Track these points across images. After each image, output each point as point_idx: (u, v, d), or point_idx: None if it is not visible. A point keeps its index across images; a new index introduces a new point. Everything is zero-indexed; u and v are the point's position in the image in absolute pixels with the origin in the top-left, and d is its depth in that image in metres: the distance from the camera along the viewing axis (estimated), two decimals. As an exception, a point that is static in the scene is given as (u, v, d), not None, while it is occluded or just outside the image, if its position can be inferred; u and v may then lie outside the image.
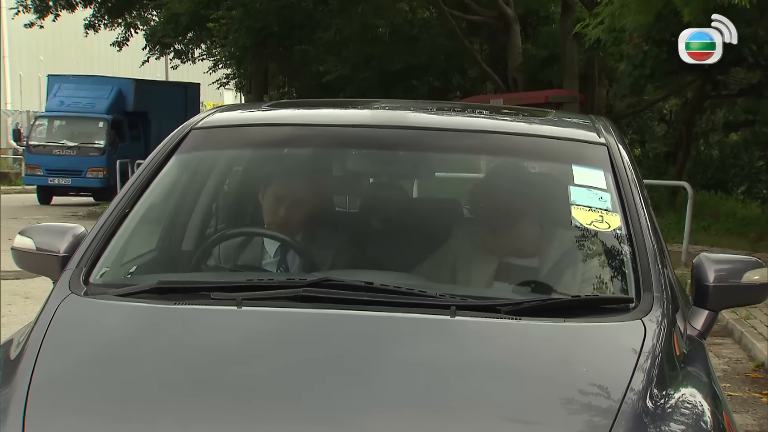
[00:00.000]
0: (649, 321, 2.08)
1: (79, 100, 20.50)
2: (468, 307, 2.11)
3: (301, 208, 2.79)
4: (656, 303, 2.14)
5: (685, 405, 1.93)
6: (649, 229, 2.36)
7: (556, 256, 2.52)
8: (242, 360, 1.95)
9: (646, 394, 1.86)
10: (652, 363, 1.96)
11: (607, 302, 2.23)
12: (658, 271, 2.24)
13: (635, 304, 2.16)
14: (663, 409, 1.87)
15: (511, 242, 2.60)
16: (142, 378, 1.90)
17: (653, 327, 2.07)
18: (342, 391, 1.82)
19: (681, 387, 2.00)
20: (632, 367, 1.92)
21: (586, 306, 2.19)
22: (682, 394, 1.96)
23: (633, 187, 2.46)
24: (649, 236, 2.34)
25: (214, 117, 2.86)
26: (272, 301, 2.13)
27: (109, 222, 2.48)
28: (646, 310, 2.12)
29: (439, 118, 2.98)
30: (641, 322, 2.08)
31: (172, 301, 2.14)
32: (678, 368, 2.08)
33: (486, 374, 1.92)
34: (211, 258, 2.75)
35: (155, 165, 2.65)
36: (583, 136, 2.73)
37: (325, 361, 1.92)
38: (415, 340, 2.01)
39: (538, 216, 2.66)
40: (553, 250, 2.54)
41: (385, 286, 2.16)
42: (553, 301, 2.19)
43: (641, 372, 1.91)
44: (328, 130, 2.83)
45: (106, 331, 2.09)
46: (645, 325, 2.07)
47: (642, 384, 1.88)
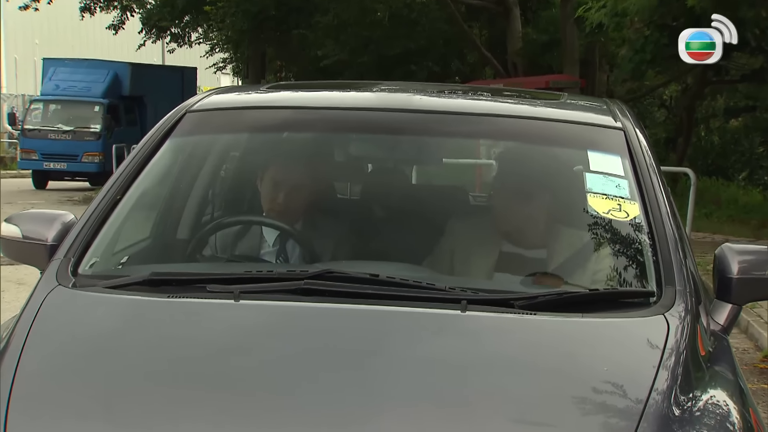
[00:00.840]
0: (671, 316, 1.98)
1: (75, 84, 20.36)
2: (479, 301, 2.01)
3: (302, 195, 2.69)
4: (679, 297, 2.04)
5: (712, 406, 1.83)
6: (670, 218, 2.24)
7: (571, 247, 2.41)
8: (239, 357, 1.85)
9: (671, 394, 1.76)
10: (676, 361, 1.86)
11: (627, 296, 2.13)
12: (680, 262, 2.13)
13: (657, 298, 2.05)
14: (689, 410, 1.78)
15: (523, 232, 2.49)
16: (131, 376, 1.81)
17: (676, 322, 1.97)
18: (346, 390, 1.72)
19: (707, 386, 1.90)
20: (656, 366, 1.82)
21: (604, 300, 2.09)
22: (708, 393, 1.87)
23: (652, 174, 2.35)
24: (670, 226, 2.22)
25: (210, 99, 2.75)
26: (271, 294, 2.03)
27: (99, 209, 2.37)
28: (668, 305, 2.01)
29: (447, 101, 2.86)
30: (663, 317, 1.97)
31: (165, 293, 2.04)
32: (703, 366, 1.98)
33: (499, 373, 1.82)
34: (207, 247, 2.64)
35: (149, 149, 2.54)
36: (598, 120, 2.60)
37: (328, 359, 1.82)
38: (423, 337, 1.91)
39: (551, 204, 2.54)
40: (568, 241, 2.43)
41: (391, 279, 2.06)
42: (569, 295, 2.07)
43: (665, 371, 1.82)
44: (330, 113, 2.70)
45: (94, 326, 1.99)
46: (668, 320, 1.96)
47: (667, 383, 1.78)
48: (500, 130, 2.60)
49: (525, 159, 2.67)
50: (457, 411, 1.69)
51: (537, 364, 1.85)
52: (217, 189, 3.00)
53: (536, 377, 1.82)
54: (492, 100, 2.86)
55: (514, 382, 1.79)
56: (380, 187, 2.90)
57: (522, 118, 2.64)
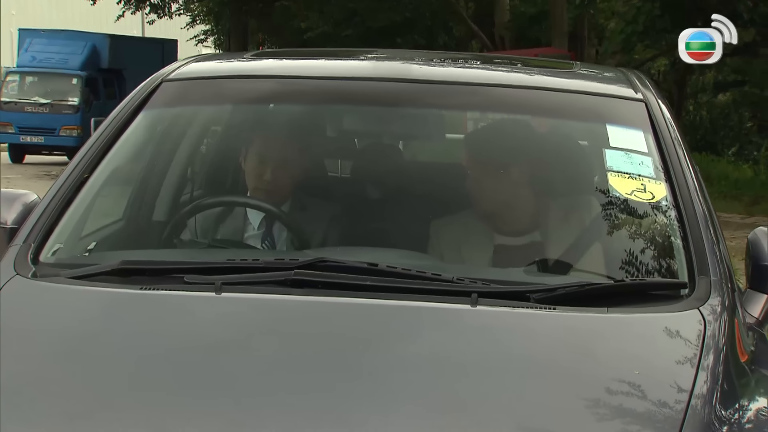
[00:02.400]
0: (707, 310, 1.78)
1: (52, 56, 20.10)
2: (492, 294, 1.81)
3: (290, 171, 2.47)
4: (714, 288, 1.84)
5: (758, 410, 1.64)
6: (701, 200, 2.03)
7: (591, 233, 2.19)
8: (221, 358, 1.64)
9: (713, 399, 1.57)
10: (716, 361, 1.66)
11: (657, 288, 1.92)
12: (714, 249, 1.92)
13: (689, 289, 1.85)
14: (736, 419, 1.58)
15: (537, 216, 2.27)
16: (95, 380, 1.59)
17: (713, 318, 1.77)
18: (343, 396, 1.52)
19: (751, 388, 1.71)
20: (694, 368, 1.62)
21: (628, 293, 1.87)
22: (752, 396, 1.68)
23: (679, 150, 2.13)
24: (702, 208, 2.01)
25: (189, 67, 2.50)
26: (258, 286, 1.82)
27: (64, 189, 2.13)
28: (702, 298, 1.81)
29: (451, 70, 2.62)
30: (698, 311, 1.77)
31: (137, 285, 1.83)
32: (746, 368, 1.78)
33: (516, 376, 1.61)
34: (186, 231, 2.41)
35: (120, 122, 2.30)
36: (617, 91, 2.37)
37: (322, 360, 1.62)
38: (428, 335, 1.71)
39: (568, 184, 2.33)
40: (587, 225, 2.22)
41: (392, 269, 1.85)
42: (593, 286, 1.85)
43: (705, 373, 1.62)
44: (321, 83, 2.46)
45: (54, 323, 1.76)
46: (703, 315, 1.76)
47: (707, 387, 1.59)
48: (512, 101, 2.36)
49: (536, 134, 2.44)
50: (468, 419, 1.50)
51: (558, 367, 1.65)
52: (197, 166, 2.78)
53: (558, 381, 1.61)
54: (502, 70, 2.62)
55: (533, 386, 1.59)
56: (376, 164, 2.67)
57: (536, 89, 2.40)
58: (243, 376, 1.58)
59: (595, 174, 2.25)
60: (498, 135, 2.44)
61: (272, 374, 1.58)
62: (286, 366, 1.60)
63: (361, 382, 1.56)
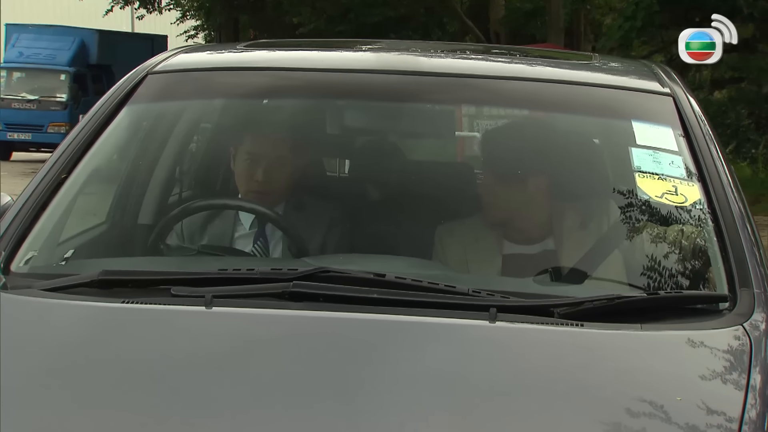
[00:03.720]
0: (752, 327, 1.62)
1: (39, 51, 20.06)
2: (511, 308, 1.65)
3: (285, 171, 2.31)
4: (759, 302, 1.68)
5: None
6: (738, 203, 1.86)
7: (618, 239, 2.03)
8: (211, 381, 1.48)
9: (764, 425, 1.42)
10: (765, 383, 1.50)
11: (694, 301, 1.75)
12: (756, 259, 1.76)
13: (730, 303, 1.69)
14: None
15: (555, 221, 2.10)
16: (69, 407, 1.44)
17: (759, 335, 1.60)
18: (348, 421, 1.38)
19: None
20: (743, 392, 1.47)
21: (662, 307, 1.71)
22: None
23: (712, 149, 1.96)
24: (740, 212, 1.85)
25: (176, 59, 2.33)
26: (252, 299, 1.66)
27: (39, 190, 1.96)
28: (746, 313, 1.65)
29: (462, 62, 2.43)
30: (743, 328, 1.61)
31: (118, 298, 1.67)
32: None
33: (541, 403, 1.45)
34: (173, 235, 2.25)
35: (101, 118, 2.13)
36: (642, 84, 2.20)
37: (325, 382, 1.46)
38: (442, 354, 1.54)
39: (590, 186, 2.16)
40: (613, 231, 2.05)
41: (402, 280, 1.69)
42: (623, 300, 1.68)
43: (754, 396, 1.47)
44: (321, 75, 2.27)
45: (25, 341, 1.59)
46: (748, 332, 1.60)
47: (757, 412, 1.44)
48: (531, 96, 2.18)
49: (553, 131, 2.27)
50: None
51: (589, 392, 1.49)
52: (186, 166, 2.63)
53: (589, 408, 1.45)
54: (518, 62, 2.44)
55: (560, 414, 1.43)
56: (379, 164, 2.50)
57: (556, 82, 2.22)
58: (235, 400, 1.42)
59: (621, 175, 2.07)
60: (516, 137, 2.27)
61: (268, 399, 1.43)
62: (284, 390, 1.45)
63: (368, 408, 1.41)
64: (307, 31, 18.98)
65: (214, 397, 1.43)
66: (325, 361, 1.51)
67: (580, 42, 16.59)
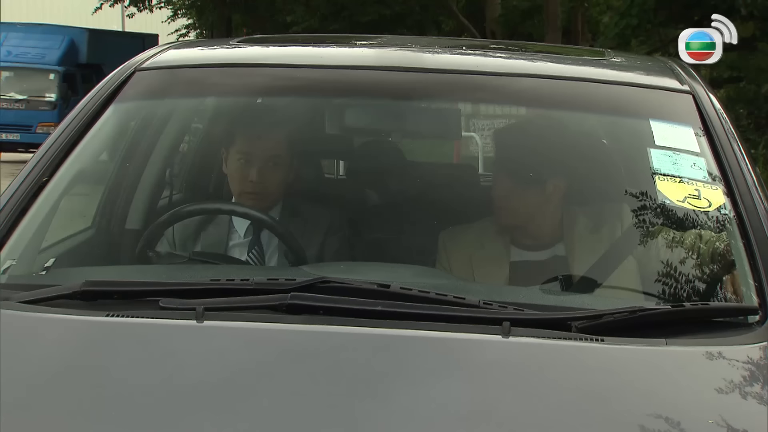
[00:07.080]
0: None
1: (28, 51, 20.03)
2: (526, 322, 1.55)
3: (280, 172, 2.22)
4: None
5: None
6: (766, 207, 1.76)
7: (632, 245, 1.92)
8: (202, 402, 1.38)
9: None
10: None
11: (722, 314, 1.65)
12: None
13: (761, 316, 1.59)
14: None
15: (566, 225, 1.99)
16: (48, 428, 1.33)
17: None
18: None
19: None
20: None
21: (686, 320, 1.60)
22: None
23: (736, 150, 1.86)
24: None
25: (166, 55, 2.23)
26: (247, 312, 1.56)
27: (19, 194, 1.85)
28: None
29: (469, 58, 2.33)
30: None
31: (103, 311, 1.56)
32: None
33: (559, 424, 1.35)
34: (164, 242, 2.14)
35: (86, 117, 2.03)
36: (660, 81, 2.10)
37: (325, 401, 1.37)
38: (452, 371, 1.45)
39: (604, 189, 2.05)
40: (627, 237, 1.94)
41: (407, 290, 1.59)
42: (646, 312, 1.57)
43: None
44: (319, 72, 2.17)
45: (1, 357, 1.45)
46: None
47: None
48: (544, 95, 2.07)
49: (567, 130, 2.16)
50: None
51: (612, 413, 1.38)
52: (176, 168, 2.55)
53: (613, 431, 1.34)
54: (528, 58, 2.33)
55: None
56: (379, 165, 2.40)
57: (569, 79, 2.11)
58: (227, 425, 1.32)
59: (638, 177, 1.97)
60: (531, 137, 2.16)
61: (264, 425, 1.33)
62: (282, 414, 1.34)
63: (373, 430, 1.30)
64: (300, 29, 18.96)
65: (205, 421, 1.33)
66: (327, 381, 1.40)
67: (578, 41, 16.55)
